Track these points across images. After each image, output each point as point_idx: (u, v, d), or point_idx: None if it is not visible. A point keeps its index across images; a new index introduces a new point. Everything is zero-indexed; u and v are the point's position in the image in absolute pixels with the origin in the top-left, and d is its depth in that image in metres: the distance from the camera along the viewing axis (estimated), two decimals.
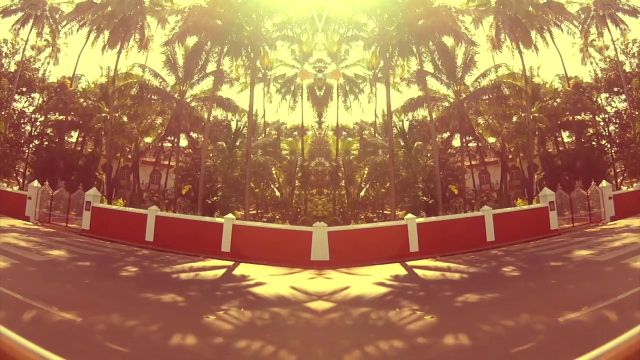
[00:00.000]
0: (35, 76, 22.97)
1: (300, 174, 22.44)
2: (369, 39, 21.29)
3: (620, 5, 22.18)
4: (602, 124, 22.96)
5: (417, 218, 15.37)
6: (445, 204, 20.77)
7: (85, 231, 15.85)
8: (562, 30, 22.22)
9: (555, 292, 8.58)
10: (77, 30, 22.38)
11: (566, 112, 22.42)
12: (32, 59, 23.23)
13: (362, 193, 22.88)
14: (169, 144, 23.39)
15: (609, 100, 22.79)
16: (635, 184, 19.40)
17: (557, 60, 23.40)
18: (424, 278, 11.11)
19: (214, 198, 20.95)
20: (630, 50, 22.36)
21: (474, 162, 23.35)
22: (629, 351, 1.36)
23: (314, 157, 22.12)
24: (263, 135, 24.82)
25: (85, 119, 22.32)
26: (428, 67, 21.85)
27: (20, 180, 22.81)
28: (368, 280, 10.57)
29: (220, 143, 23.06)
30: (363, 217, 22.03)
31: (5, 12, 22.34)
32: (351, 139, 24.61)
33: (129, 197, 21.42)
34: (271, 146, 23.97)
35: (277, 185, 23.05)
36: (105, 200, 19.57)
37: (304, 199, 21.60)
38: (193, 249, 13.89)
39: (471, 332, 6.23)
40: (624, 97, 22.04)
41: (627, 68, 22.30)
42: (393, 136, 21.62)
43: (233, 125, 23.58)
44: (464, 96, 22.08)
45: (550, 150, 22.82)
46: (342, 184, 22.37)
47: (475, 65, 21.96)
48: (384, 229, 15.49)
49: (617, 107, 22.65)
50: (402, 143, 22.98)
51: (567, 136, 23.01)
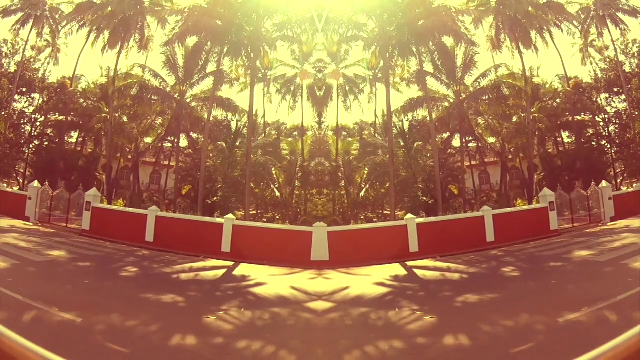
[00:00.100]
0: (36, 76, 22.95)
1: (300, 174, 22.43)
2: (368, 39, 21.27)
3: (620, 6, 22.18)
4: (602, 124, 22.94)
5: (417, 218, 15.37)
6: (445, 204, 20.76)
7: (85, 231, 15.85)
8: (562, 31, 22.24)
9: (555, 292, 8.59)
10: (77, 31, 22.41)
11: (566, 113, 22.41)
12: (32, 60, 23.21)
13: (362, 193, 22.86)
14: (169, 144, 23.39)
15: (609, 100, 22.79)
16: (635, 185, 19.38)
17: (557, 60, 23.47)
18: (424, 278, 11.11)
19: (214, 198, 20.95)
20: (630, 51, 22.36)
21: (473, 163, 23.32)
22: (628, 351, 1.36)
23: (314, 157, 22.10)
24: (263, 135, 24.80)
25: (85, 120, 22.31)
26: (428, 67, 21.87)
27: (20, 180, 22.79)
28: (368, 281, 10.57)
29: (220, 143, 23.04)
30: (363, 217, 22.02)
31: (6, 12, 22.34)
32: (351, 139, 24.56)
33: (129, 198, 21.42)
34: (271, 146, 23.94)
35: (277, 186, 23.03)
36: (106, 201, 19.57)
37: (304, 199, 21.59)
38: (193, 249, 13.90)
39: (471, 332, 6.23)
40: (623, 97, 22.03)
41: (627, 68, 22.29)
42: (393, 136, 21.61)
43: (233, 125, 23.59)
44: (463, 96, 22.06)
45: (550, 151, 22.81)
46: (342, 184, 22.35)
47: (475, 65, 21.96)
48: (384, 229, 15.48)
49: (617, 108, 22.66)
50: (402, 143, 22.96)
51: (567, 136, 23.01)
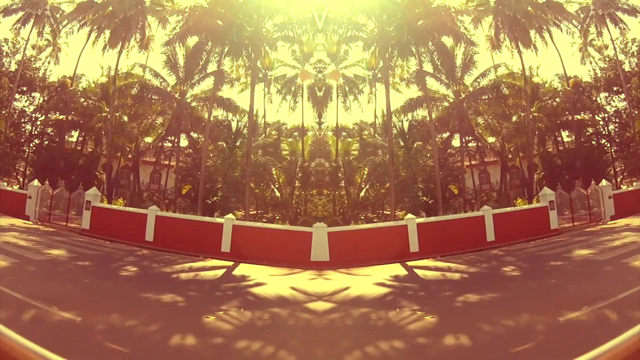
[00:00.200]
0: (36, 75, 22.93)
1: (300, 175, 22.43)
2: (368, 40, 21.25)
3: (620, 5, 22.16)
4: (601, 123, 22.93)
5: (417, 218, 15.36)
6: (445, 204, 20.76)
7: (85, 231, 15.86)
8: (562, 30, 22.20)
9: (556, 291, 8.59)
10: (78, 30, 22.35)
11: (566, 112, 22.41)
12: (32, 59, 23.18)
13: (362, 193, 22.85)
14: (170, 144, 23.37)
15: (608, 99, 22.78)
16: (635, 183, 19.41)
17: (556, 59, 23.38)
18: (424, 278, 11.11)
19: (214, 198, 20.95)
20: (629, 50, 22.34)
21: (473, 162, 23.30)
22: (628, 351, 1.36)
23: (314, 157, 22.09)
24: (263, 135, 24.80)
25: (85, 119, 22.29)
26: (427, 67, 21.85)
27: (20, 179, 22.78)
28: (368, 281, 10.57)
29: (220, 143, 23.04)
30: (363, 217, 22.00)
31: (6, 11, 22.33)
32: (351, 139, 24.55)
33: (129, 197, 21.42)
34: (271, 146, 23.94)
35: (277, 186, 23.02)
36: (106, 200, 19.57)
37: (304, 200, 21.58)
38: (193, 249, 13.89)
39: (471, 332, 6.23)
40: (623, 96, 22.03)
41: (627, 67, 22.28)
42: (393, 136, 21.60)
43: (233, 125, 23.58)
44: (463, 96, 22.05)
45: (550, 150, 22.81)
46: (342, 185, 22.35)
47: (475, 65, 21.94)
48: (384, 230, 15.47)
49: (616, 107, 22.63)
50: (402, 143, 22.95)
51: (566, 136, 23.01)
